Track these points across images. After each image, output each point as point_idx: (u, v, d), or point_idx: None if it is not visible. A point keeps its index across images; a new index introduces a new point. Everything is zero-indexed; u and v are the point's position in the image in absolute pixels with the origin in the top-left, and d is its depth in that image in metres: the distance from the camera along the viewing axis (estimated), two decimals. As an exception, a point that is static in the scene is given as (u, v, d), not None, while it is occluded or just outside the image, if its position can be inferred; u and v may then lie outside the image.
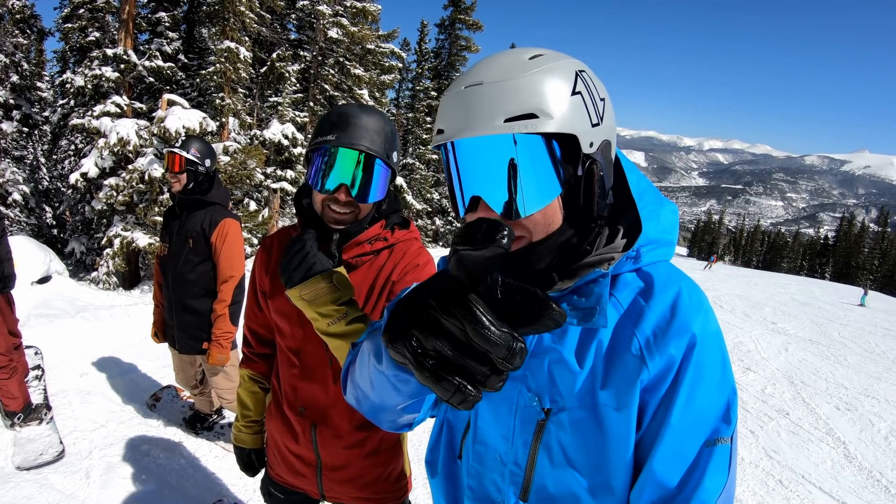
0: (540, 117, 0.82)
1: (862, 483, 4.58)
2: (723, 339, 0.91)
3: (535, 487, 0.95)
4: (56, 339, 5.32)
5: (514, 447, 0.97)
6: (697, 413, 0.84)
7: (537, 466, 0.94)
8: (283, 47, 17.64)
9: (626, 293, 0.92)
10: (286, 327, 1.69)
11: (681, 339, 0.85)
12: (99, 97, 13.05)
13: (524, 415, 0.95)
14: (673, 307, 0.88)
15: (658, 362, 0.85)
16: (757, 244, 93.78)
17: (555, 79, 0.84)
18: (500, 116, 0.82)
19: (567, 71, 0.86)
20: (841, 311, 16.88)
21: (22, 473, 3.18)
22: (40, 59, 19.20)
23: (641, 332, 0.87)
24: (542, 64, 0.85)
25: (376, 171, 1.51)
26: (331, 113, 1.51)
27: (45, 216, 17.95)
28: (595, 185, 0.89)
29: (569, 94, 0.84)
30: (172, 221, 3.47)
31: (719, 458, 0.84)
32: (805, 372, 8.04)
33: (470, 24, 28.32)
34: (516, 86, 0.82)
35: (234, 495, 3.25)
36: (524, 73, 0.83)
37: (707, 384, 0.85)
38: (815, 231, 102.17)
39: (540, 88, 0.83)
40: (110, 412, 4.04)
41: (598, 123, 0.88)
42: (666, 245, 0.97)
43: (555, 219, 0.89)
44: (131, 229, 11.53)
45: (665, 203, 1.00)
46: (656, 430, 0.86)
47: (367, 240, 1.59)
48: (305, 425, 1.70)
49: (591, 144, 0.86)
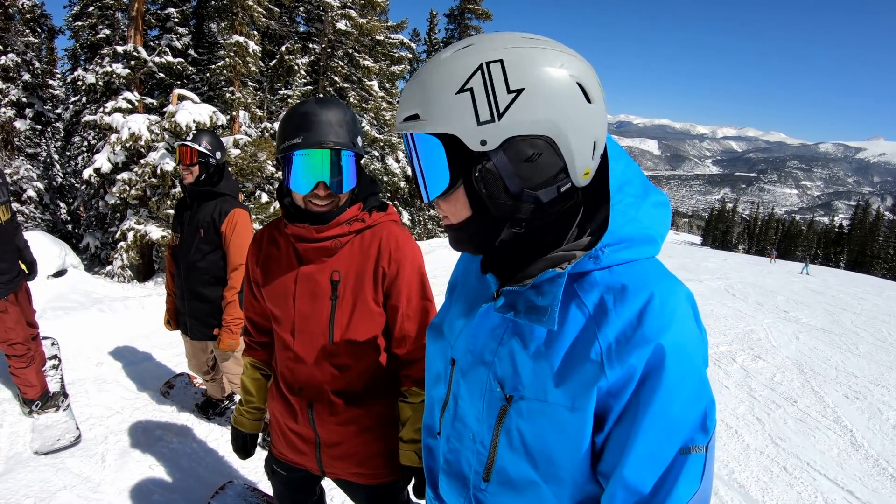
0: (420, 118, 0.86)
1: (868, 471, 4.58)
2: (700, 347, 0.88)
3: (497, 468, 1.00)
4: (72, 329, 5.42)
5: (482, 428, 1.01)
6: (670, 422, 0.83)
7: (498, 449, 0.98)
8: (292, 40, 17.71)
9: (593, 294, 0.90)
10: (279, 314, 1.77)
11: (643, 350, 0.83)
12: (110, 93, 13.18)
13: (490, 399, 0.99)
14: (640, 314, 0.84)
15: (617, 371, 0.84)
16: (771, 233, 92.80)
17: (444, 77, 0.85)
18: (400, 117, 0.89)
19: (463, 66, 0.84)
20: (854, 300, 16.73)
21: (40, 458, 3.28)
22: (51, 58, 19.38)
23: (604, 337, 0.86)
24: (448, 62, 0.85)
25: (348, 162, 1.60)
26: (292, 115, 1.56)
27: (60, 212, 18.16)
28: (482, 185, 0.87)
29: (453, 92, 0.83)
30: (184, 212, 3.55)
31: (693, 466, 0.84)
32: (815, 360, 8.01)
33: (479, 13, 28.19)
34: (415, 87, 0.87)
35: (244, 477, 3.33)
36: (427, 73, 0.87)
37: (679, 394, 0.83)
38: (829, 219, 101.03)
39: (425, 89, 0.86)
40: (125, 399, 4.14)
41: (491, 120, 0.83)
42: (644, 242, 0.93)
43: (460, 209, 0.92)
44: (144, 222, 11.67)
45: (650, 194, 0.96)
46: (624, 436, 0.85)
47: (346, 220, 1.67)
48: (303, 404, 1.78)
49: (484, 143, 0.84)
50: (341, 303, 1.69)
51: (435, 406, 1.23)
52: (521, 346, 0.95)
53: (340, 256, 1.69)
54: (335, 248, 1.68)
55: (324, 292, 1.69)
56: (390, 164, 21.67)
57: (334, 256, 1.69)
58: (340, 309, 1.69)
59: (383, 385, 1.83)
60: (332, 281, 1.68)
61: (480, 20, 28.54)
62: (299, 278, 1.71)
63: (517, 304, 0.94)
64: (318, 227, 1.64)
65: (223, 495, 3.10)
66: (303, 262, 1.72)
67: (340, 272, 1.69)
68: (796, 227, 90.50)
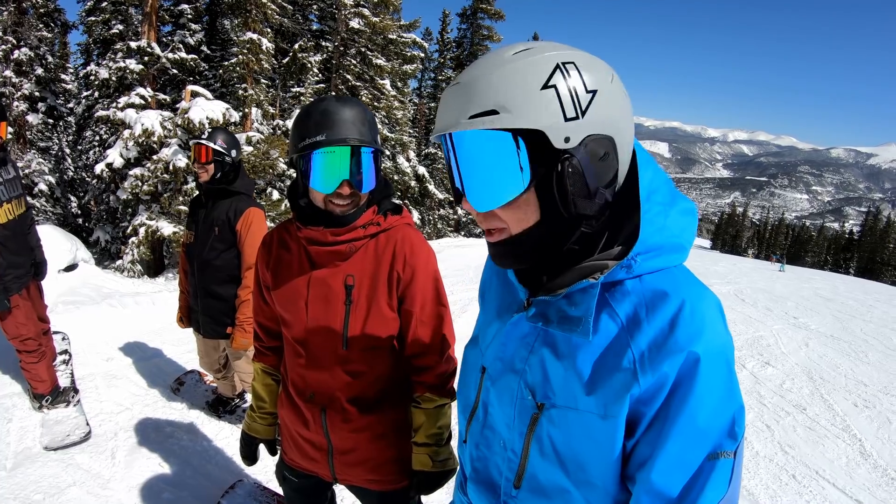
0: (500, 113, 0.83)
1: (876, 481, 4.53)
2: (729, 353, 0.88)
3: (528, 476, 0.99)
4: (83, 325, 5.46)
5: (513, 435, 1.01)
6: (699, 428, 0.83)
7: (530, 457, 0.98)
8: (305, 38, 17.75)
9: (625, 304, 0.90)
10: (290, 318, 1.74)
11: (676, 357, 0.83)
12: (123, 89, 13.23)
13: (521, 406, 0.99)
14: (672, 322, 0.85)
15: (650, 378, 0.84)
16: (781, 238, 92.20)
17: (525, 73, 0.83)
18: (466, 114, 0.85)
19: (543, 64, 0.83)
20: (864, 307, 16.60)
21: (49, 453, 3.30)
22: (64, 52, 19.48)
23: (637, 345, 0.86)
24: (520, 59, 0.84)
25: (371, 161, 1.57)
26: (310, 112, 1.53)
27: (71, 206, 18.30)
28: (567, 182, 0.85)
29: (538, 87, 0.82)
30: (199, 210, 3.55)
31: (721, 471, 0.84)
32: (825, 368, 7.94)
33: (492, 13, 28.16)
34: (487, 82, 0.84)
35: (254, 476, 3.34)
36: (496, 69, 0.84)
37: (709, 401, 0.83)
38: (840, 225, 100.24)
39: (505, 84, 0.83)
40: (135, 395, 4.16)
41: (577, 117, 0.83)
42: (673, 250, 0.92)
43: (529, 214, 0.90)
44: (156, 218, 11.74)
45: (677, 202, 0.95)
46: (653, 441, 0.85)
47: (362, 224, 1.65)
48: (315, 411, 1.75)
49: (567, 140, 0.83)
50: (355, 308, 1.66)
51: (461, 413, 1.22)
52: (552, 354, 0.95)
53: (354, 260, 1.67)
54: (349, 252, 1.65)
55: (337, 297, 1.66)
56: (401, 162, 21.68)
57: (348, 260, 1.66)
58: (354, 314, 1.66)
59: (397, 390, 1.81)
60: (346, 285, 1.66)
61: (493, 20, 28.51)
62: (312, 282, 1.68)
63: (549, 313, 0.94)
64: (334, 230, 1.61)
65: (233, 494, 3.10)
66: (315, 265, 1.69)
67: (354, 276, 1.66)
68: (806, 232, 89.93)
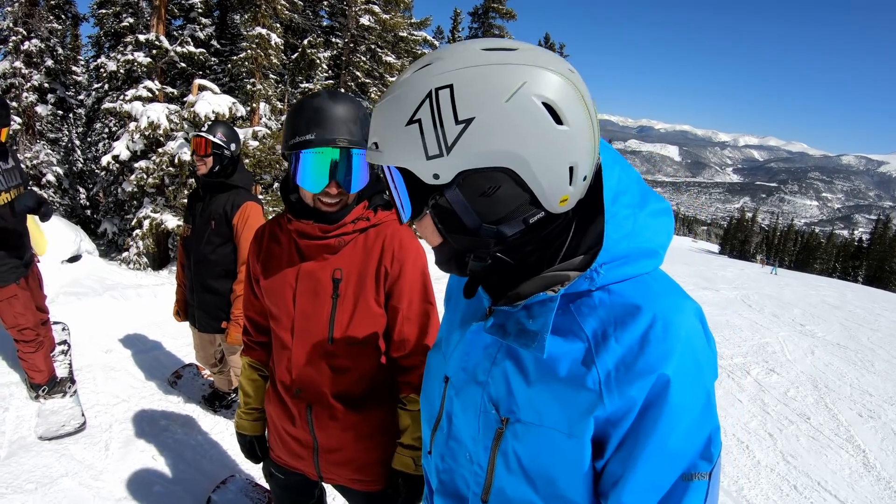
0: (379, 148, 0.82)
1: (879, 493, 4.47)
2: (706, 371, 0.83)
3: (495, 490, 0.95)
4: (84, 315, 5.46)
5: (478, 448, 0.97)
6: (671, 451, 0.80)
7: (496, 471, 0.94)
8: (314, 34, 17.73)
9: (592, 319, 0.84)
10: (278, 311, 1.73)
11: (645, 380, 0.78)
12: (131, 82, 13.24)
13: (485, 420, 0.95)
14: (642, 341, 0.79)
15: (616, 401, 0.80)
16: (790, 244, 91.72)
17: (397, 107, 0.79)
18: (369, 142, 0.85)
19: (414, 94, 0.77)
20: (872, 316, 16.47)
21: (43, 443, 3.29)
22: (75, 44, 19.52)
23: (603, 365, 0.81)
24: (402, 86, 0.79)
25: (360, 161, 1.55)
26: (303, 107, 1.51)
27: (79, 197, 18.34)
28: (436, 220, 0.84)
29: (403, 123, 0.77)
30: (196, 203, 3.54)
31: (695, 493, 0.81)
32: (830, 376, 7.87)
33: (503, 12, 28.05)
34: (375, 115, 0.83)
35: (247, 472, 3.32)
36: (382, 101, 0.82)
37: (681, 423, 0.79)
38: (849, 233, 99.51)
39: (380, 119, 0.81)
40: (132, 388, 4.15)
41: (439, 154, 0.76)
42: (644, 256, 0.86)
43: (433, 235, 0.88)
44: (161, 211, 11.74)
45: (648, 203, 0.89)
46: (624, 461, 0.82)
47: (352, 220, 1.63)
48: (301, 407, 1.74)
49: (437, 176, 0.78)
50: (342, 302, 1.65)
51: (426, 423, 1.18)
52: (515, 367, 0.91)
53: (343, 254, 1.66)
54: (338, 246, 1.65)
55: (325, 290, 1.66)
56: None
57: (337, 254, 1.66)
58: (341, 308, 1.66)
59: (383, 390, 1.79)
60: (333, 279, 1.65)
61: (504, 19, 28.40)
62: (300, 275, 1.68)
63: (507, 325, 0.89)
64: (324, 226, 1.61)
65: (225, 489, 3.09)
66: (304, 258, 1.69)
67: (342, 270, 1.65)
68: (815, 239, 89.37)
